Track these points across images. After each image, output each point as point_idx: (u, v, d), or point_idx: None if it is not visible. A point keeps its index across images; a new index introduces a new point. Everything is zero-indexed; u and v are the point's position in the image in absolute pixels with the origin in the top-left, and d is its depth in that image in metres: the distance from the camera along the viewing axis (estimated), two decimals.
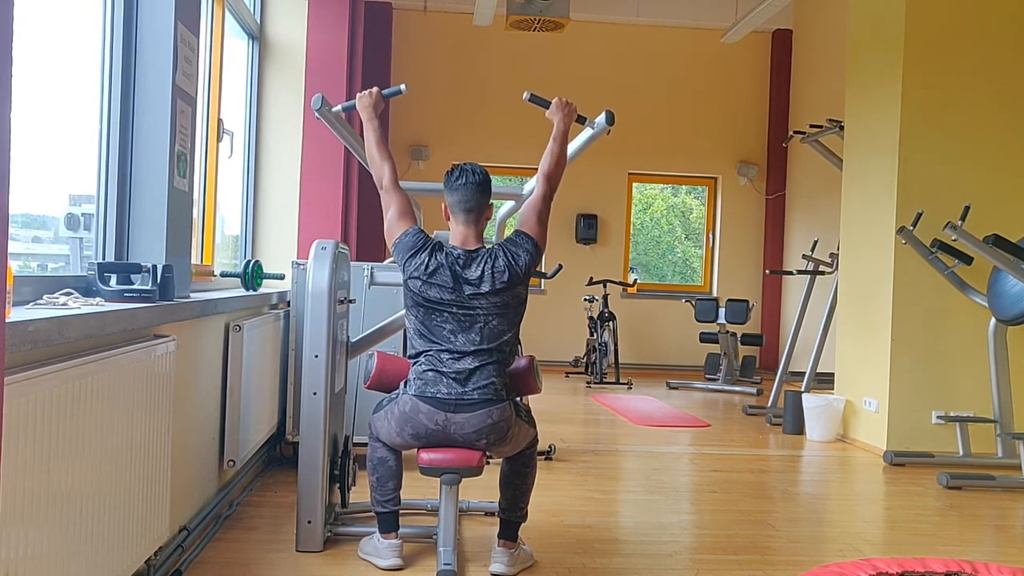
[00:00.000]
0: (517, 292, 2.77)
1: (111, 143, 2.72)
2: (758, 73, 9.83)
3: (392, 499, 2.87)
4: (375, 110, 2.96)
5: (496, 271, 2.73)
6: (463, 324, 2.72)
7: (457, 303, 2.72)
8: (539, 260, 2.85)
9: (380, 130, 2.95)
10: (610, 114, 3.13)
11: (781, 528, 3.54)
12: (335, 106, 3.12)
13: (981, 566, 2.44)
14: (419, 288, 2.73)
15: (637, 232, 10.28)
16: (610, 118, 3.13)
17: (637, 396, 7.42)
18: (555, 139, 2.96)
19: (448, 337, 2.72)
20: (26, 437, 1.60)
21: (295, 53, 5.07)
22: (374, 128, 2.94)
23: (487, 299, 2.73)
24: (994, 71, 5.22)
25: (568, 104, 3.02)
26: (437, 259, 2.73)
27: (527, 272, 2.78)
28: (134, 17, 2.76)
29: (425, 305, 2.74)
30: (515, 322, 2.80)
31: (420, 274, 2.72)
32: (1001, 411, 4.73)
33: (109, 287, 2.39)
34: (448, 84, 9.41)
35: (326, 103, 3.07)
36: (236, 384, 3.35)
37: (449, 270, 2.72)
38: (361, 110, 2.97)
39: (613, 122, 3.14)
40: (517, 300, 2.78)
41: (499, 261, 2.75)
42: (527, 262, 2.77)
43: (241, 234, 4.86)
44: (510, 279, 2.74)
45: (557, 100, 3.02)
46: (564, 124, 2.99)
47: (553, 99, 3.03)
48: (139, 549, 2.26)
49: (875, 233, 5.38)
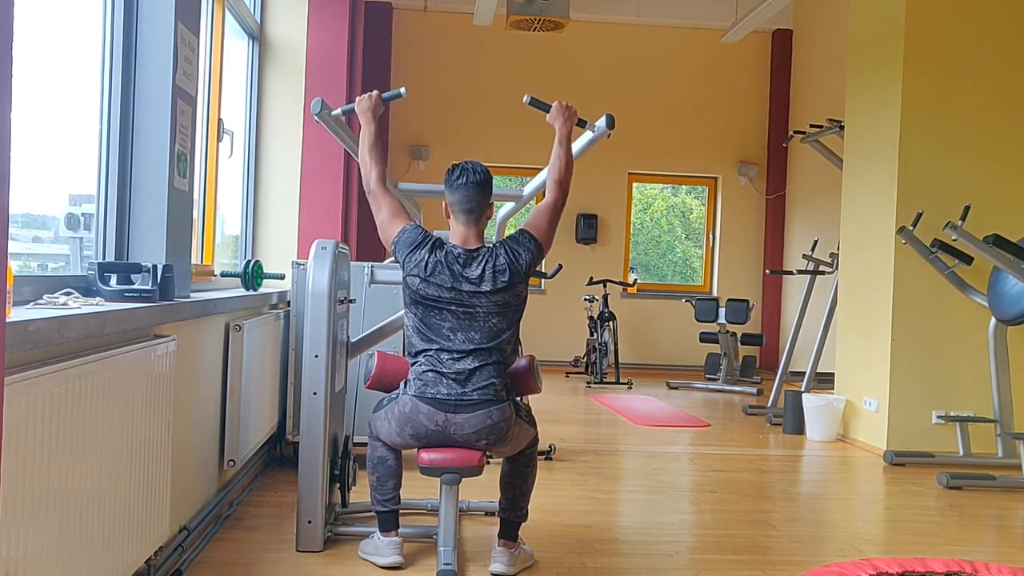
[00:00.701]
0: (517, 291, 2.77)
1: (111, 143, 2.72)
2: (758, 73, 9.83)
3: (392, 498, 2.87)
4: (374, 114, 2.96)
5: (497, 269, 2.73)
6: (462, 322, 2.72)
7: (456, 301, 2.71)
8: (540, 261, 2.85)
9: (376, 134, 2.94)
10: (610, 118, 3.13)
11: (781, 528, 3.54)
12: (335, 109, 3.12)
13: (981, 566, 2.44)
14: (418, 286, 2.73)
15: (637, 232, 10.28)
16: (610, 122, 3.13)
17: (637, 396, 7.42)
18: (559, 143, 2.96)
19: (447, 335, 2.72)
20: (26, 437, 1.60)
21: (295, 53, 5.07)
22: (371, 132, 2.93)
23: (487, 297, 2.72)
24: (995, 70, 5.22)
25: (568, 108, 3.01)
26: (436, 256, 2.73)
27: (527, 272, 2.78)
28: (134, 17, 2.76)
29: (424, 303, 2.74)
30: (515, 320, 2.80)
31: (419, 272, 2.72)
32: (1001, 411, 4.73)
33: (109, 287, 2.39)
34: (448, 84, 9.41)
35: (326, 107, 3.06)
36: (236, 384, 3.35)
37: (448, 268, 2.72)
38: (360, 113, 2.97)
39: (613, 126, 3.14)
40: (517, 299, 2.78)
41: (500, 259, 2.75)
42: (528, 261, 2.77)
43: (241, 234, 4.86)
44: (511, 278, 2.74)
45: (557, 104, 3.01)
46: (566, 128, 2.98)
47: (553, 103, 3.02)
48: (139, 549, 2.26)
49: (875, 233, 5.38)
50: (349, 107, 3.07)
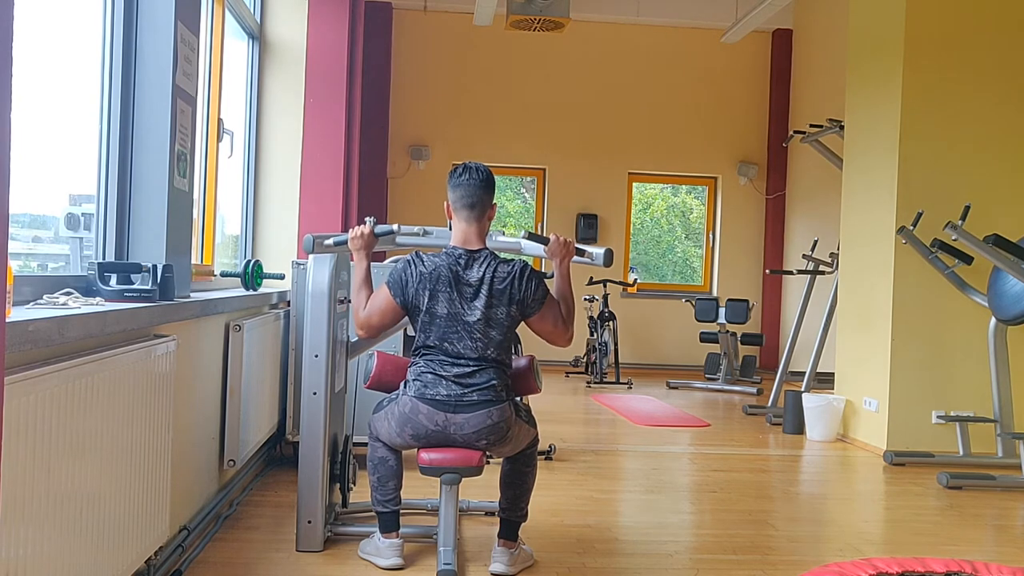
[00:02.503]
0: (510, 311, 2.77)
1: (111, 143, 2.72)
2: (758, 73, 9.83)
3: (393, 499, 2.87)
4: (367, 250, 2.92)
5: (496, 276, 2.74)
6: (464, 328, 2.73)
7: (457, 313, 2.73)
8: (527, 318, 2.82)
9: (368, 271, 2.90)
10: (609, 253, 2.99)
11: (781, 528, 3.54)
12: (327, 240, 2.99)
13: (981, 566, 2.44)
14: (427, 302, 2.74)
15: (637, 232, 10.28)
16: (608, 259, 2.99)
17: (637, 396, 7.42)
18: (560, 279, 2.90)
19: (448, 336, 2.73)
20: (26, 437, 1.60)
21: (295, 53, 5.07)
22: (363, 268, 2.89)
23: (484, 301, 2.73)
24: (995, 70, 5.22)
25: (567, 243, 2.91)
26: (427, 267, 2.74)
27: (521, 306, 2.78)
28: (134, 17, 2.76)
29: (429, 313, 2.75)
30: (512, 326, 2.82)
31: (422, 289, 2.73)
32: (1001, 411, 4.73)
33: (109, 287, 2.39)
34: (448, 84, 9.41)
35: (317, 243, 2.95)
36: (236, 384, 3.35)
37: (448, 270, 2.73)
38: (353, 250, 2.92)
39: (611, 263, 3.01)
40: (510, 319, 2.79)
41: (501, 269, 2.75)
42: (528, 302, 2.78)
43: (241, 234, 4.86)
44: (509, 298, 2.75)
45: (555, 239, 2.91)
46: (565, 264, 2.92)
47: (551, 236, 2.93)
48: (139, 549, 2.26)
49: (875, 233, 5.38)
50: (342, 239, 2.95)
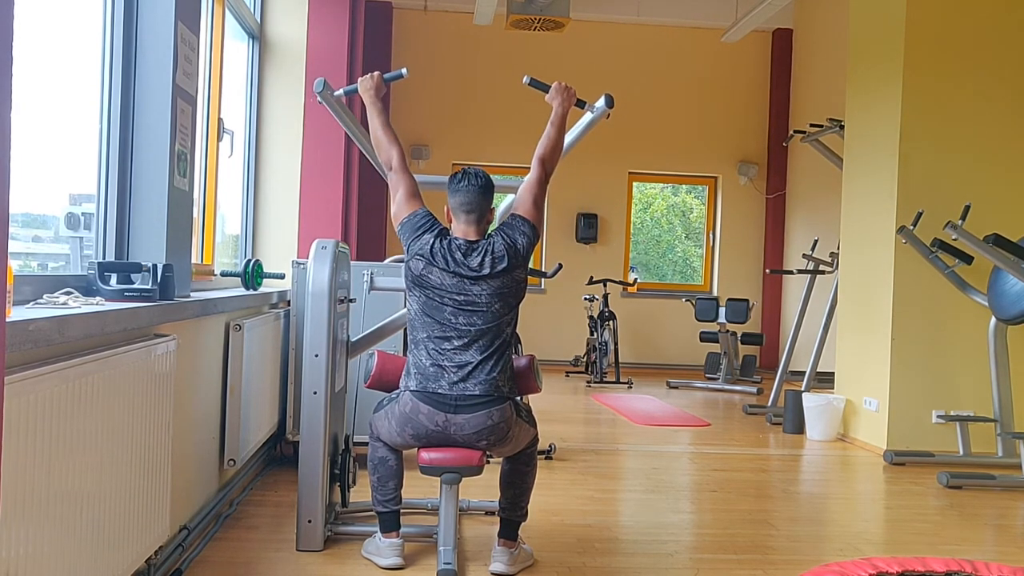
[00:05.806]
0: (516, 275, 2.79)
1: (111, 143, 2.72)
2: (758, 72, 9.83)
3: (393, 499, 2.87)
4: (377, 93, 2.99)
5: (495, 256, 2.75)
6: (463, 307, 2.73)
7: (457, 288, 2.73)
8: (536, 242, 2.87)
9: (384, 113, 2.97)
10: (609, 97, 3.18)
11: (781, 527, 3.54)
12: (337, 90, 3.14)
13: (981, 565, 2.44)
14: (420, 270, 2.74)
15: (637, 231, 10.28)
16: (609, 101, 3.19)
17: (637, 395, 7.42)
18: (553, 123, 3.00)
19: (449, 319, 2.73)
20: (26, 437, 1.60)
21: (295, 53, 5.07)
22: (378, 111, 2.96)
23: (487, 282, 2.74)
24: (995, 70, 5.22)
25: (568, 88, 3.07)
26: (441, 244, 2.76)
27: (526, 255, 2.81)
28: (134, 17, 2.76)
29: (425, 287, 2.75)
30: (514, 305, 2.82)
31: (424, 253, 2.74)
32: (1001, 410, 4.73)
33: (109, 286, 2.39)
34: (448, 84, 9.41)
35: (328, 87, 3.10)
36: (236, 383, 3.35)
37: (452, 256, 2.74)
38: (363, 93, 2.99)
39: (612, 104, 3.19)
40: (516, 284, 2.80)
41: (497, 244, 2.77)
42: (525, 244, 2.80)
43: (241, 234, 4.86)
44: (509, 262, 2.76)
45: (557, 84, 3.07)
46: (563, 108, 3.03)
47: (553, 83, 3.07)
48: (140, 548, 2.26)
49: (875, 232, 5.38)
50: (352, 87, 3.09)
